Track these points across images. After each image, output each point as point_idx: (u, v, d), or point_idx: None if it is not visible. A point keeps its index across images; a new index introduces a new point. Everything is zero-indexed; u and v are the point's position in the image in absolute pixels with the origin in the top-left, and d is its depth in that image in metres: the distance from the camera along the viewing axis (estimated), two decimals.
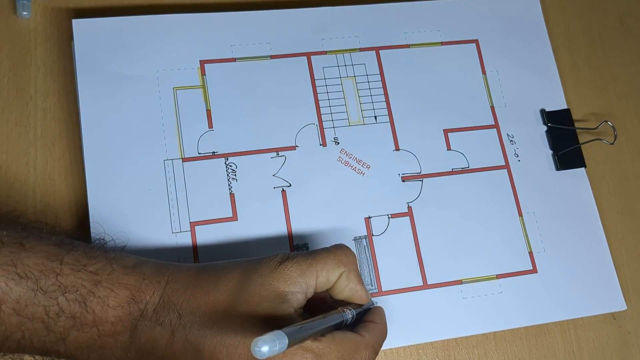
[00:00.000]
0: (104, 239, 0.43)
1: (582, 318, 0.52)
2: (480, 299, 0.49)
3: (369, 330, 0.40)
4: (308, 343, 0.36)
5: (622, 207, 0.56)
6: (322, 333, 0.37)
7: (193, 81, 0.50)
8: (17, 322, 0.36)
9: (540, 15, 0.58)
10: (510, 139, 0.54)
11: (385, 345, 0.46)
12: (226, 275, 0.39)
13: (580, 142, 0.55)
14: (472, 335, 0.50)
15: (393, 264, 0.49)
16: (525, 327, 0.50)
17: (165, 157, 0.48)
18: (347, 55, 0.53)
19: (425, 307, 0.48)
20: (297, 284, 0.39)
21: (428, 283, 0.49)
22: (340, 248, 0.41)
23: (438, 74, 0.54)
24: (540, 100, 0.56)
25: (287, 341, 0.31)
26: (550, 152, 0.54)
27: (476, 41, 0.56)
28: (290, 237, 0.48)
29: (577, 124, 0.56)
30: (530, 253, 0.51)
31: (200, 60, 0.51)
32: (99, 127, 0.47)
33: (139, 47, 0.50)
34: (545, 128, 0.55)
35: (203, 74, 0.50)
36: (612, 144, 0.54)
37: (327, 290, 0.41)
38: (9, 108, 0.49)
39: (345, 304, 0.42)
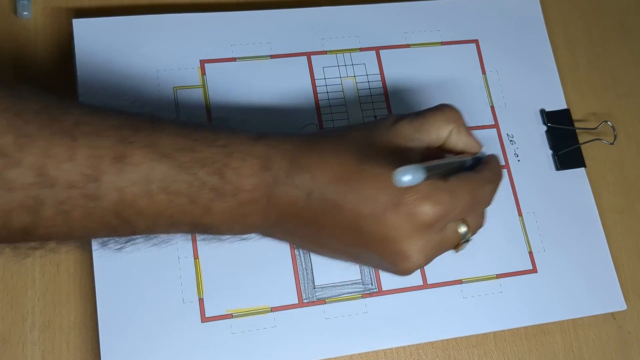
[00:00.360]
0: (223, 118, 0.46)
1: (582, 318, 0.52)
2: (480, 298, 0.49)
3: (488, 169, 0.43)
4: (439, 182, 0.39)
5: (622, 207, 0.56)
6: (448, 174, 0.40)
7: (193, 81, 0.50)
8: (165, 200, 0.37)
9: (540, 15, 0.58)
10: (510, 138, 0.54)
11: (386, 345, 0.47)
12: (348, 136, 0.41)
13: (580, 142, 0.55)
14: (472, 335, 0.50)
15: None
16: (525, 327, 0.50)
17: None
18: (347, 55, 0.53)
19: (425, 306, 0.48)
20: (414, 141, 0.41)
21: (428, 283, 0.49)
22: (446, 106, 0.43)
23: (438, 74, 0.54)
24: (540, 100, 0.56)
25: (424, 172, 0.33)
26: (550, 152, 0.54)
27: (476, 41, 0.56)
28: None
29: (577, 124, 0.56)
30: (530, 253, 0.51)
31: (200, 60, 0.51)
32: None
33: (139, 47, 0.50)
34: (545, 128, 0.55)
35: (203, 73, 0.50)
36: (612, 144, 0.54)
37: (440, 146, 0.43)
38: None
39: (461, 154, 0.44)
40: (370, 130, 0.42)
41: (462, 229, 0.42)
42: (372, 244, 0.40)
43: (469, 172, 0.41)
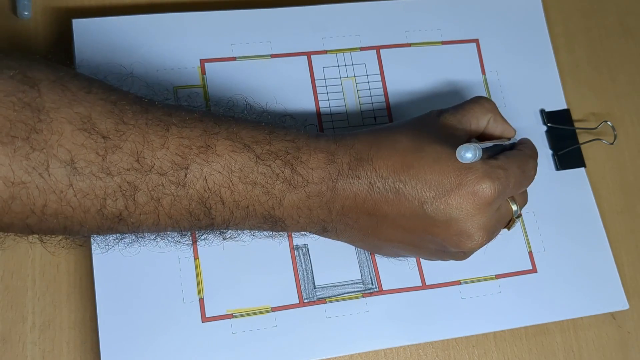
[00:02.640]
0: (289, 116, 0.49)
1: (582, 318, 0.52)
2: (479, 299, 0.49)
3: (527, 147, 0.46)
4: (492, 161, 0.42)
5: (622, 207, 0.56)
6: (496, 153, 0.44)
7: (193, 80, 0.50)
8: (243, 190, 0.39)
9: (541, 14, 0.58)
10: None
11: (386, 345, 0.47)
12: (401, 131, 0.43)
13: (580, 142, 0.55)
14: (472, 335, 0.50)
15: (392, 264, 0.49)
16: (525, 327, 0.50)
17: None
18: (347, 54, 0.53)
19: (425, 307, 0.48)
20: (458, 130, 0.44)
21: (427, 283, 0.49)
22: (482, 98, 0.47)
23: (438, 74, 0.54)
24: (540, 100, 0.56)
25: (481, 150, 0.38)
26: (550, 152, 0.54)
27: (476, 40, 0.56)
28: (290, 237, 0.48)
29: (577, 124, 0.56)
30: (530, 253, 0.51)
31: (200, 60, 0.51)
32: None
33: (139, 47, 0.50)
34: (545, 128, 0.55)
35: (203, 73, 0.50)
36: (612, 144, 0.54)
37: (480, 135, 0.47)
38: None
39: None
40: (418, 124, 0.44)
41: (514, 206, 0.44)
42: (435, 227, 0.41)
43: (513, 151, 0.45)
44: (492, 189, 0.40)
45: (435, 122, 0.45)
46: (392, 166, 0.41)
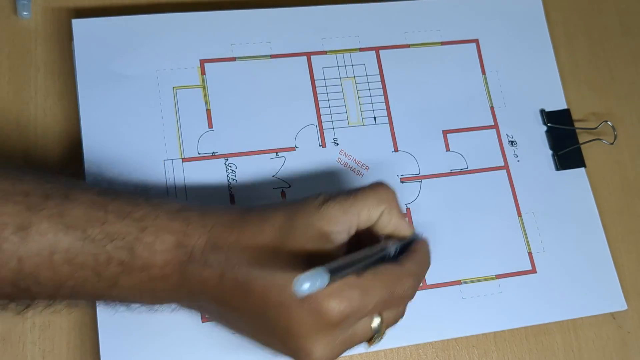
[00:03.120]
0: (146, 187, 0.44)
1: (582, 318, 0.52)
2: (480, 299, 0.49)
3: (410, 259, 0.40)
4: (351, 278, 0.36)
5: (622, 207, 0.56)
6: (365, 268, 0.37)
7: (193, 81, 0.50)
8: (69, 271, 0.37)
9: (542, 14, 0.58)
10: (510, 139, 0.54)
11: (386, 345, 0.47)
12: (271, 215, 0.39)
13: (580, 142, 0.55)
14: (472, 335, 0.50)
15: None
16: (525, 327, 0.50)
17: (165, 157, 0.48)
18: (347, 55, 0.53)
19: (425, 307, 0.48)
20: (340, 223, 0.39)
21: (427, 283, 0.49)
22: (380, 185, 0.41)
23: (438, 74, 0.54)
24: (540, 100, 0.56)
25: (327, 277, 0.31)
26: (550, 152, 0.54)
27: (476, 41, 0.56)
28: None
29: (577, 124, 0.56)
30: (530, 253, 0.51)
31: (200, 60, 0.51)
32: (99, 127, 0.47)
33: (139, 47, 0.50)
34: (545, 128, 0.55)
35: (203, 73, 0.50)
36: (612, 144, 0.54)
37: (370, 227, 0.41)
38: (9, 108, 0.49)
39: (389, 237, 0.42)
40: (296, 210, 0.39)
41: (375, 324, 0.39)
42: (276, 334, 0.38)
43: (390, 265, 0.39)
44: (337, 312, 0.36)
45: (317, 211, 0.39)
46: (247, 258, 0.38)
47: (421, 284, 0.49)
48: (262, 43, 0.52)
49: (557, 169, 0.54)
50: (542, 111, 0.55)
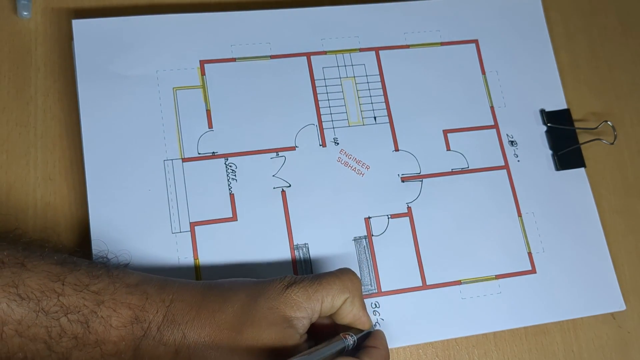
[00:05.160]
0: (106, 257, 0.43)
1: (582, 318, 0.52)
2: (480, 299, 0.49)
3: (369, 355, 0.40)
4: None
5: (621, 207, 0.56)
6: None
7: (193, 81, 0.50)
8: (19, 343, 0.36)
9: (541, 14, 0.58)
10: (510, 139, 0.54)
11: None
12: (232, 296, 0.39)
13: (580, 142, 0.55)
14: (472, 335, 0.50)
15: (392, 264, 0.49)
16: (525, 327, 0.51)
17: (165, 157, 0.48)
18: (346, 55, 0.53)
19: (425, 307, 0.48)
20: (303, 309, 0.39)
21: (427, 283, 0.49)
22: (345, 273, 0.41)
23: (438, 75, 0.54)
24: (540, 100, 0.56)
25: None
26: (550, 152, 0.54)
27: (476, 41, 0.56)
28: (290, 237, 0.48)
29: (577, 124, 0.56)
30: (529, 253, 0.51)
31: (200, 60, 0.51)
32: (99, 127, 0.47)
33: (139, 47, 0.50)
34: (545, 128, 0.55)
35: (203, 74, 0.50)
36: (612, 144, 0.54)
37: (330, 315, 0.42)
38: (9, 108, 0.49)
39: (347, 328, 0.42)
40: (259, 292, 0.39)
41: None
42: None
43: (348, 359, 0.38)
44: None
45: (279, 295, 0.39)
46: (205, 338, 0.37)
47: (421, 284, 0.49)
48: (262, 44, 0.52)
49: (557, 169, 0.54)
50: (542, 111, 0.55)
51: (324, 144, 0.50)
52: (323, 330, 0.42)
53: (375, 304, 0.47)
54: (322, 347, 0.38)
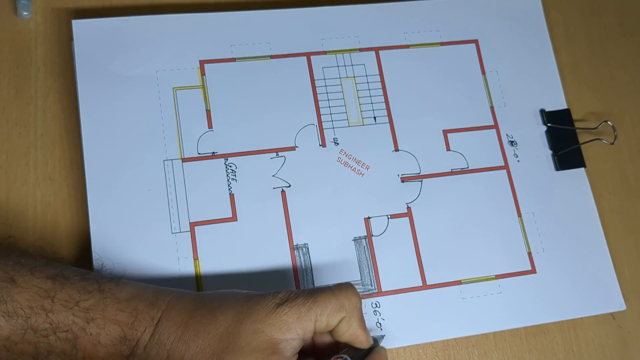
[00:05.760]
0: (101, 267, 0.43)
1: (582, 318, 0.52)
2: (480, 299, 0.49)
3: None
4: None
5: (621, 207, 0.56)
6: None
7: (193, 81, 0.50)
8: (6, 358, 0.35)
9: (541, 14, 0.58)
10: (510, 139, 0.54)
11: (386, 346, 0.47)
12: (219, 316, 0.38)
13: (580, 142, 0.55)
14: (472, 335, 0.50)
15: (392, 264, 0.49)
16: (525, 327, 0.50)
17: (165, 157, 0.48)
18: (346, 55, 0.53)
19: (425, 307, 0.48)
20: (293, 331, 0.37)
21: (427, 283, 0.49)
22: (343, 290, 0.40)
23: (437, 75, 0.54)
24: (540, 100, 0.56)
25: None
26: (550, 152, 0.54)
27: (476, 41, 0.56)
28: (290, 237, 0.48)
29: (577, 124, 0.56)
30: (529, 253, 0.51)
31: (200, 60, 0.51)
32: (98, 127, 0.47)
33: (139, 47, 0.50)
34: (545, 128, 0.55)
35: (203, 74, 0.50)
36: (612, 144, 0.54)
37: (327, 332, 0.41)
38: (9, 108, 0.49)
39: (346, 345, 0.41)
40: (247, 312, 0.38)
41: None
42: None
43: None
44: None
45: (268, 315, 0.37)
46: (187, 359, 0.37)
47: (421, 284, 0.49)
48: (262, 44, 0.52)
49: (557, 169, 0.54)
50: (542, 111, 0.55)
51: (323, 144, 0.50)
52: (324, 347, 0.42)
53: (375, 304, 0.48)
54: None
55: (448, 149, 0.52)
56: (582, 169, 0.54)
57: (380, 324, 0.47)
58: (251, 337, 0.37)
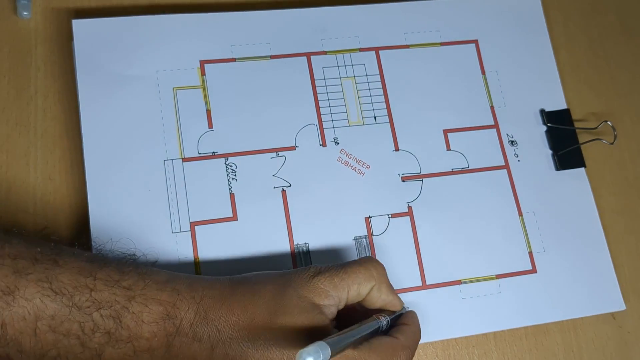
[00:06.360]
0: (135, 255, 0.43)
1: (582, 318, 0.52)
2: (480, 299, 0.49)
3: (403, 333, 0.41)
4: (349, 352, 0.37)
5: (621, 207, 0.56)
6: (360, 341, 0.38)
7: (193, 81, 0.50)
8: (53, 339, 0.36)
9: (541, 14, 0.58)
10: (510, 139, 0.54)
11: None
12: (261, 289, 0.39)
13: (580, 142, 0.55)
14: (472, 335, 0.50)
15: (393, 263, 0.49)
16: (525, 327, 0.51)
17: (165, 157, 0.48)
18: (346, 55, 0.53)
19: (425, 307, 0.48)
20: (331, 297, 0.40)
21: (427, 283, 0.49)
22: (370, 261, 0.42)
23: (437, 75, 0.54)
24: (540, 100, 0.56)
25: (329, 351, 0.32)
26: (550, 152, 0.54)
27: (476, 41, 0.56)
28: (290, 237, 0.48)
29: (577, 124, 0.56)
30: (530, 253, 0.51)
31: (200, 61, 0.51)
32: (99, 127, 0.47)
33: (139, 47, 0.50)
34: (545, 128, 0.55)
35: (203, 74, 0.50)
36: (612, 144, 0.54)
37: (359, 302, 0.42)
38: (9, 108, 0.49)
39: (380, 311, 0.42)
40: (286, 282, 0.40)
41: None
42: None
43: (384, 339, 0.40)
44: None
45: (307, 284, 0.40)
46: (239, 332, 0.37)
47: (421, 284, 0.49)
48: (262, 44, 0.52)
49: (557, 168, 0.54)
50: (542, 111, 0.55)
51: (324, 144, 0.50)
52: (352, 316, 0.43)
53: None
54: (356, 327, 0.38)
55: (448, 148, 0.52)
56: (582, 169, 0.54)
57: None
58: (297, 301, 0.39)
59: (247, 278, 0.41)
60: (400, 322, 0.43)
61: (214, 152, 0.49)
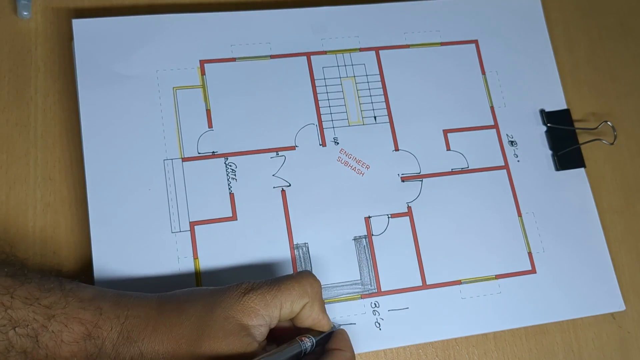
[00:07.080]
0: (60, 270, 0.42)
1: (582, 318, 0.52)
2: (479, 299, 0.49)
3: (331, 356, 0.40)
4: None
5: (621, 207, 0.56)
6: None
7: (193, 81, 0.50)
8: None
9: (541, 15, 0.58)
10: (510, 139, 0.54)
11: (385, 346, 0.47)
12: (189, 308, 0.38)
13: (580, 142, 0.55)
14: (472, 335, 0.50)
15: (392, 264, 0.49)
16: (525, 327, 0.50)
17: (165, 156, 0.48)
18: (346, 55, 0.53)
19: (425, 307, 0.48)
20: (260, 317, 0.38)
21: (427, 283, 0.49)
22: (305, 277, 0.41)
23: (437, 75, 0.54)
24: (540, 100, 0.56)
25: None
26: (550, 152, 0.54)
27: (476, 41, 0.56)
28: (290, 236, 0.48)
29: (576, 124, 0.56)
30: (530, 253, 0.51)
31: (200, 60, 0.51)
32: (99, 127, 0.47)
33: (139, 47, 0.50)
34: (544, 128, 0.55)
35: (203, 73, 0.50)
36: (612, 144, 0.54)
37: (290, 319, 0.41)
38: (9, 108, 0.49)
39: (307, 330, 0.42)
40: (216, 302, 0.38)
41: None
42: None
43: None
44: None
45: (236, 303, 0.38)
46: (163, 354, 0.36)
47: (421, 284, 0.49)
48: (262, 44, 0.52)
49: (557, 169, 0.54)
50: (542, 111, 0.55)
51: (324, 144, 0.50)
52: (284, 334, 0.42)
53: (375, 304, 0.48)
54: (276, 351, 0.37)
55: (448, 148, 0.52)
56: (582, 169, 0.54)
57: (379, 323, 0.47)
58: (223, 323, 0.37)
59: (177, 295, 0.39)
60: (331, 346, 0.41)
61: (213, 152, 0.49)
